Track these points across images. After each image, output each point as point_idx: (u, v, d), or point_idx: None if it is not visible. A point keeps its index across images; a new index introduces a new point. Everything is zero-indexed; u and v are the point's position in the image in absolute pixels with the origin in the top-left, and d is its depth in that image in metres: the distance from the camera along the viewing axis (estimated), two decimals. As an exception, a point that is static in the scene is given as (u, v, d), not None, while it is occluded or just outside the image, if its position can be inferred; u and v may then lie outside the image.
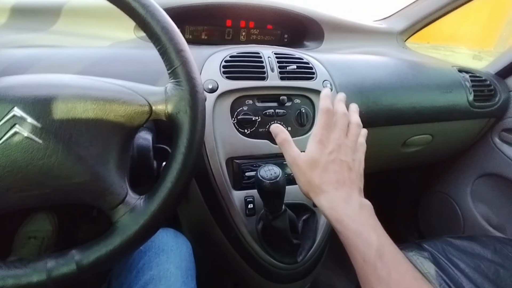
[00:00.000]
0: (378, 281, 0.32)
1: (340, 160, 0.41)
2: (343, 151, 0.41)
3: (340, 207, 0.37)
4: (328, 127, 0.43)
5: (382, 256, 0.33)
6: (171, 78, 0.37)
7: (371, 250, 0.33)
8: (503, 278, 0.63)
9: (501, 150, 0.94)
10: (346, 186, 0.39)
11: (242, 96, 0.60)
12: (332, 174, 0.40)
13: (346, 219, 0.36)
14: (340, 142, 0.42)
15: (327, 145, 0.41)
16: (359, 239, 0.35)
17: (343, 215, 0.37)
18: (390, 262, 0.33)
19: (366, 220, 0.37)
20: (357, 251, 0.34)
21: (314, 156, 0.41)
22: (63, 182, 0.33)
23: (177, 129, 0.37)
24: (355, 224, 0.36)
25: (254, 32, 0.88)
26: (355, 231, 0.35)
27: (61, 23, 0.71)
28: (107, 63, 0.58)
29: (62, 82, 0.35)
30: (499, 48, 3.05)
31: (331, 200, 0.38)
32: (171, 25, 0.37)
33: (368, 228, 0.35)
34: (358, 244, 0.34)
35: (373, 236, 0.34)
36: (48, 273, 0.32)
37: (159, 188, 0.36)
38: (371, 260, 0.33)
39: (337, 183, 0.39)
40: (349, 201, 0.38)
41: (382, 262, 0.33)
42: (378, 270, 0.32)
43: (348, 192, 0.39)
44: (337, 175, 0.40)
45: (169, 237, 0.51)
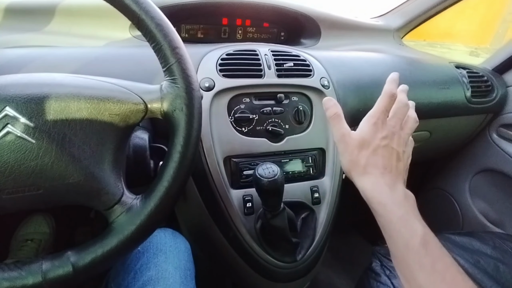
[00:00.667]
0: (421, 268, 0.32)
1: (392, 148, 0.39)
2: (396, 140, 0.40)
3: (384, 191, 0.37)
4: (387, 112, 0.41)
5: (427, 245, 0.32)
6: (166, 75, 0.37)
7: (415, 237, 0.33)
8: (502, 273, 0.63)
9: (499, 145, 0.94)
10: (392, 174, 0.38)
11: (239, 94, 0.59)
12: (381, 158, 0.38)
13: (391, 203, 0.35)
14: (395, 130, 0.40)
15: (381, 130, 0.40)
16: (403, 225, 0.34)
17: (388, 200, 0.36)
18: (435, 252, 0.32)
19: (411, 208, 0.36)
20: (400, 236, 0.34)
21: (366, 137, 0.39)
22: (57, 182, 0.32)
23: (173, 127, 0.36)
24: (400, 210, 0.35)
25: (250, 30, 0.87)
26: (400, 216, 0.34)
27: (55, 23, 0.70)
28: (102, 63, 0.58)
29: (55, 81, 0.34)
30: (495, 45, 3.06)
31: (375, 183, 0.37)
32: (166, 22, 0.37)
33: (412, 216, 0.35)
34: (402, 230, 0.34)
35: (418, 225, 0.34)
36: (43, 275, 0.32)
37: (156, 187, 0.35)
38: (415, 247, 0.32)
39: (384, 168, 0.38)
40: (393, 188, 0.37)
41: (426, 250, 0.32)
42: (422, 258, 0.32)
43: (393, 180, 0.38)
44: (385, 161, 0.38)
45: (168, 237, 0.51)
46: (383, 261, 0.64)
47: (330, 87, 0.66)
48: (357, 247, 1.16)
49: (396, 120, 0.41)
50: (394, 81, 0.43)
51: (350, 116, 0.69)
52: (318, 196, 0.61)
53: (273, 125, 0.60)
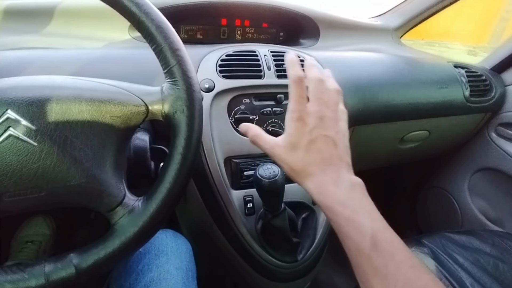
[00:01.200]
0: (374, 273, 0.29)
1: (324, 136, 0.35)
2: (326, 124, 0.36)
3: (329, 191, 0.33)
4: (304, 99, 0.37)
5: (377, 245, 0.30)
6: (167, 77, 0.37)
7: (364, 239, 0.30)
8: (502, 271, 0.64)
9: (498, 144, 0.94)
10: (333, 164, 0.35)
11: (239, 95, 0.59)
12: (317, 153, 0.35)
13: (337, 205, 0.33)
14: (321, 115, 0.36)
15: (307, 121, 0.36)
16: (351, 227, 0.31)
17: (333, 201, 0.33)
18: (386, 252, 0.30)
19: (358, 203, 0.33)
20: (350, 240, 0.31)
21: (293, 138, 0.36)
22: (59, 185, 0.32)
23: (174, 129, 0.36)
24: (346, 210, 0.32)
25: (249, 30, 0.87)
26: (347, 218, 0.32)
27: (54, 24, 0.70)
28: (102, 64, 0.58)
29: (55, 83, 0.34)
30: (493, 43, 3.07)
31: (319, 184, 0.34)
32: (166, 24, 0.37)
33: (360, 213, 0.32)
34: (351, 233, 0.31)
35: (367, 223, 0.31)
36: (46, 277, 0.32)
37: (158, 189, 0.36)
38: (365, 251, 0.30)
39: (323, 163, 0.35)
40: (338, 182, 0.34)
41: (377, 252, 0.30)
42: (374, 261, 0.29)
43: (336, 172, 0.34)
44: (322, 154, 0.35)
45: (169, 238, 0.51)
46: (383, 260, 0.65)
47: (329, 87, 0.66)
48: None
49: (318, 102, 0.37)
50: (295, 63, 0.38)
51: (350, 116, 0.69)
52: (318, 196, 0.61)
53: (273, 126, 0.60)
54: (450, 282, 0.62)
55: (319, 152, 0.35)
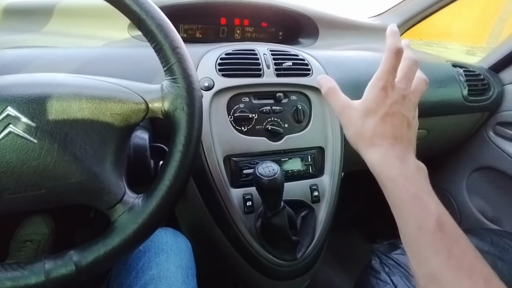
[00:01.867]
0: (436, 253, 0.29)
1: (402, 114, 0.35)
2: (407, 104, 0.35)
3: (394, 165, 0.32)
4: (394, 71, 0.36)
5: (443, 226, 0.29)
6: (167, 75, 0.37)
7: (430, 219, 0.29)
8: (500, 270, 0.64)
9: (496, 143, 0.95)
10: (403, 144, 0.34)
11: (238, 94, 0.59)
12: (390, 127, 0.34)
13: (402, 179, 0.32)
14: (405, 93, 0.35)
15: (390, 94, 0.35)
16: (416, 205, 0.30)
17: (399, 174, 0.32)
18: (451, 235, 0.29)
19: (424, 184, 0.32)
20: (412, 217, 0.30)
21: (372, 105, 0.35)
22: (59, 182, 0.32)
23: (174, 126, 0.36)
24: (413, 187, 0.31)
25: (248, 30, 0.88)
26: (412, 194, 0.31)
27: (54, 23, 0.70)
28: (101, 63, 0.58)
29: (56, 81, 0.34)
30: (491, 43, 3.08)
31: (384, 156, 0.33)
32: (166, 22, 0.37)
33: (426, 193, 0.31)
34: (415, 210, 0.30)
35: (433, 204, 0.30)
36: (46, 274, 0.32)
37: (158, 186, 0.36)
38: (429, 230, 0.29)
39: (394, 139, 0.34)
40: (404, 161, 0.33)
41: (442, 233, 0.29)
42: (437, 241, 0.29)
43: (404, 151, 0.34)
44: (395, 130, 0.34)
45: (169, 237, 0.51)
46: (382, 258, 0.65)
47: (328, 86, 0.66)
48: (357, 245, 1.16)
49: (406, 81, 0.36)
50: (397, 34, 0.38)
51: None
52: (317, 194, 0.61)
53: (273, 124, 0.60)
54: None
55: (393, 127, 0.34)
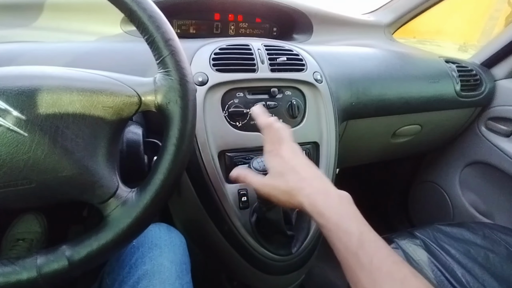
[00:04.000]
0: (360, 269, 0.33)
1: (301, 163, 0.42)
2: (298, 154, 0.43)
3: (319, 200, 0.38)
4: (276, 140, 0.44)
5: (363, 244, 0.34)
6: (160, 68, 0.37)
7: (352, 240, 0.34)
8: (492, 262, 0.65)
9: (488, 138, 0.96)
10: (318, 179, 0.40)
11: (233, 89, 0.59)
12: (301, 174, 0.40)
13: (327, 212, 0.36)
14: (293, 149, 0.43)
15: (283, 155, 0.42)
16: (340, 230, 0.35)
17: (324, 209, 0.37)
18: (371, 250, 0.33)
19: (346, 211, 0.37)
20: (339, 242, 0.35)
21: (278, 169, 0.42)
22: (50, 176, 0.32)
23: (167, 120, 0.36)
24: (336, 216, 0.36)
25: (243, 25, 0.87)
26: (336, 222, 0.36)
27: (44, 18, 0.69)
28: (93, 57, 0.57)
29: (46, 73, 0.33)
30: (482, 41, 3.10)
31: (309, 195, 0.38)
32: (158, 13, 0.36)
33: (348, 218, 0.36)
34: (340, 235, 0.35)
35: (354, 226, 0.35)
36: (38, 269, 0.31)
37: (151, 180, 0.35)
38: (352, 250, 0.34)
39: (309, 179, 0.40)
40: (327, 193, 0.38)
41: (363, 250, 0.33)
42: (360, 258, 0.33)
43: (323, 185, 0.39)
44: (306, 174, 0.40)
45: (162, 232, 0.50)
46: (377, 252, 0.65)
47: (323, 81, 0.66)
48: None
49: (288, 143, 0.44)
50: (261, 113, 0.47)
51: (343, 110, 0.70)
52: (312, 189, 0.61)
53: None
54: (442, 273, 0.63)
55: (303, 172, 0.41)
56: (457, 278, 0.61)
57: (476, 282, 0.61)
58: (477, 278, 0.61)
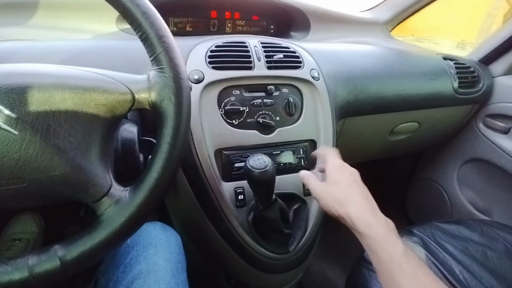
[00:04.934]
0: (403, 274, 0.36)
1: (360, 184, 0.45)
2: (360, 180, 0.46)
3: (368, 215, 0.41)
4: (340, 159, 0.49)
5: (408, 256, 0.37)
6: (153, 65, 0.36)
7: (397, 250, 0.37)
8: (490, 259, 0.65)
9: (485, 135, 0.96)
10: (370, 201, 0.43)
11: (229, 87, 0.59)
12: (356, 190, 0.44)
13: (374, 224, 0.40)
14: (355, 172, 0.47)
15: (347, 169, 0.47)
16: (386, 242, 0.38)
17: (371, 221, 0.40)
18: (415, 263, 0.37)
19: (391, 229, 0.40)
20: (383, 251, 0.38)
21: (336, 178, 0.45)
22: (42, 175, 0.31)
23: (161, 117, 0.36)
24: (383, 229, 0.40)
25: (239, 23, 0.87)
26: (382, 234, 0.39)
27: (39, 16, 0.68)
28: (87, 55, 0.56)
29: (37, 70, 0.33)
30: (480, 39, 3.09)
31: (359, 208, 0.41)
32: (152, 10, 0.36)
33: (393, 236, 0.39)
34: (385, 246, 0.38)
35: (399, 242, 0.38)
36: (30, 270, 0.31)
37: (145, 178, 0.35)
38: (397, 257, 0.37)
39: (361, 196, 0.43)
40: (375, 214, 0.41)
41: (407, 260, 0.36)
42: (404, 266, 0.36)
43: (373, 207, 0.42)
44: (360, 192, 0.44)
45: (157, 231, 0.50)
46: (375, 250, 0.65)
47: (320, 79, 0.66)
48: (349, 238, 1.16)
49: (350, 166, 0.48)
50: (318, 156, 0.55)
51: (340, 108, 0.70)
52: (309, 187, 0.61)
53: (264, 117, 0.60)
54: (439, 270, 0.62)
55: (360, 189, 0.44)
56: (455, 275, 0.61)
57: (474, 279, 0.60)
58: (475, 275, 0.61)
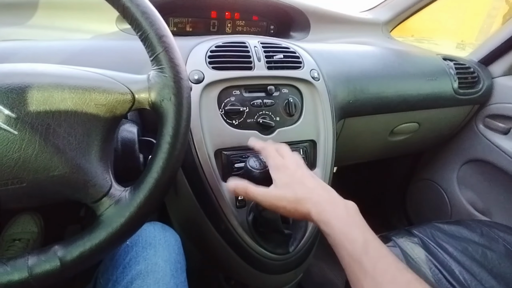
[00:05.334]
0: (364, 275, 0.34)
1: (307, 174, 0.44)
2: (302, 166, 0.45)
3: (326, 209, 0.39)
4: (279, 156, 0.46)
5: (367, 251, 0.35)
6: (153, 65, 0.36)
7: (356, 247, 0.35)
8: (490, 259, 0.65)
9: (485, 136, 0.96)
10: (325, 190, 0.41)
11: (229, 87, 0.58)
12: (308, 184, 0.42)
13: (333, 220, 0.38)
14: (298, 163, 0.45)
15: (289, 166, 0.44)
16: (345, 238, 0.36)
17: (330, 217, 0.38)
18: (375, 256, 0.34)
19: (351, 219, 0.38)
20: (343, 249, 0.36)
21: (284, 180, 0.43)
22: (42, 175, 0.31)
23: (161, 117, 0.36)
24: (341, 224, 0.37)
25: (239, 23, 0.87)
26: (341, 230, 0.37)
27: (39, 16, 0.68)
28: (87, 55, 0.56)
29: (37, 70, 0.33)
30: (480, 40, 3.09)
31: (317, 203, 0.40)
32: (152, 9, 0.36)
33: (353, 226, 0.37)
34: (344, 243, 0.36)
35: (358, 234, 0.36)
36: (29, 270, 0.31)
37: (145, 179, 0.35)
38: (356, 256, 0.35)
39: (316, 189, 0.41)
40: (333, 202, 0.40)
41: (367, 257, 0.34)
42: (364, 265, 0.34)
43: (329, 195, 0.41)
44: (312, 184, 0.42)
45: (157, 231, 0.50)
46: (375, 251, 0.65)
47: (320, 79, 0.66)
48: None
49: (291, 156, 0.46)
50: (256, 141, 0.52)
51: (340, 108, 0.70)
52: (309, 187, 0.61)
53: (264, 118, 0.60)
54: (439, 271, 0.62)
55: (309, 183, 0.42)
56: (455, 276, 0.61)
57: (474, 280, 0.60)
58: (475, 275, 0.61)
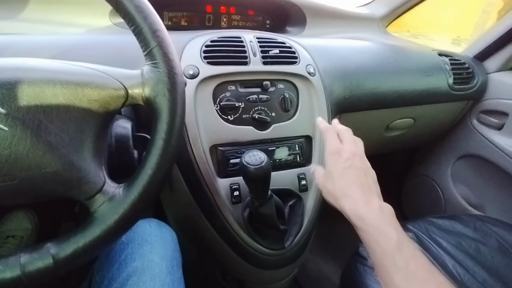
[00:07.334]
0: (396, 270, 0.35)
1: (356, 167, 0.44)
2: (358, 159, 0.45)
3: (361, 206, 0.40)
4: (337, 140, 0.47)
5: (401, 249, 0.36)
6: (147, 60, 0.36)
7: (390, 243, 0.36)
8: (483, 254, 0.65)
9: (479, 131, 0.96)
10: (365, 189, 0.42)
11: (224, 82, 0.58)
12: (349, 179, 0.43)
13: (367, 217, 0.39)
14: (354, 151, 0.45)
15: (342, 154, 0.45)
16: (379, 234, 0.37)
17: (364, 213, 0.39)
18: (408, 255, 0.36)
19: (386, 219, 0.39)
20: (377, 244, 0.37)
21: (330, 168, 0.44)
22: (33, 172, 0.31)
23: (155, 113, 0.35)
24: (375, 221, 0.38)
25: (235, 18, 0.86)
26: (376, 226, 0.38)
27: (31, 10, 0.67)
28: (80, 49, 0.55)
29: (28, 65, 0.32)
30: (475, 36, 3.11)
31: (352, 201, 0.41)
32: (145, 3, 0.35)
33: (388, 225, 0.38)
34: (379, 239, 0.37)
35: (393, 232, 0.37)
36: (22, 268, 0.30)
37: (139, 175, 0.34)
38: (390, 252, 0.36)
39: (355, 186, 0.42)
40: (369, 203, 0.40)
41: (400, 254, 0.35)
42: (397, 261, 0.35)
43: (367, 195, 0.41)
44: (354, 179, 0.42)
45: (153, 228, 0.50)
46: (370, 245, 0.66)
47: (316, 74, 0.65)
48: (344, 234, 1.17)
49: (350, 143, 0.47)
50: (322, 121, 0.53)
51: (336, 104, 0.70)
52: (305, 183, 0.61)
53: (260, 113, 0.59)
54: (433, 265, 0.63)
55: (352, 178, 0.43)
56: (448, 270, 0.62)
57: (467, 274, 0.61)
58: (468, 269, 0.62)
